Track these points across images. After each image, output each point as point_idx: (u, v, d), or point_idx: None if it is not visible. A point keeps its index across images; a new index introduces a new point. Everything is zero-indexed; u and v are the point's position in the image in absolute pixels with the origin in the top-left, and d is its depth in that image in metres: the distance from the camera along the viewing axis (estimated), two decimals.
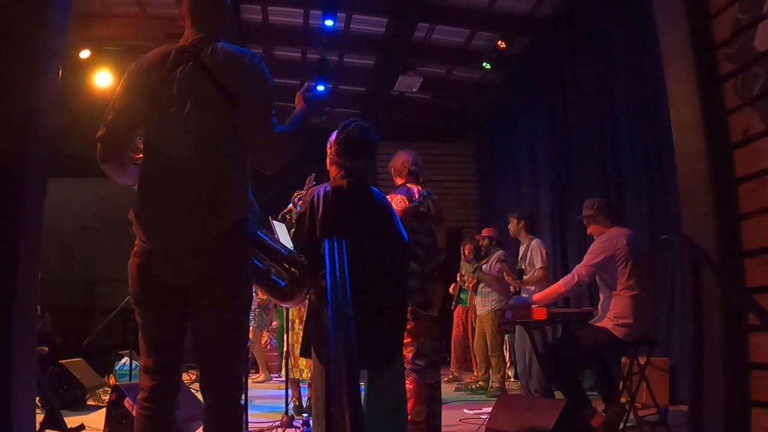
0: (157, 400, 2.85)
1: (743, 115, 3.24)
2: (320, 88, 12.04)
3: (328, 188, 3.67)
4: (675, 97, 3.56)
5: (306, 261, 3.23)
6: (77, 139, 2.97)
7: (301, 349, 3.50)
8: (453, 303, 10.22)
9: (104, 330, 8.65)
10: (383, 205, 3.92)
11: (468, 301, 9.90)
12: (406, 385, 4.47)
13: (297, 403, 6.89)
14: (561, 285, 5.79)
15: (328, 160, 4.01)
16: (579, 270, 5.60)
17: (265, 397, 8.17)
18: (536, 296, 6.27)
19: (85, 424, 4.17)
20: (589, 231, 5.92)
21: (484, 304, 8.72)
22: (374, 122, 11.82)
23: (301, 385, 7.18)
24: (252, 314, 8.75)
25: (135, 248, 2.91)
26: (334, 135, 3.92)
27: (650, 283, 5.62)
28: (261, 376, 10.21)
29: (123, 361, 8.91)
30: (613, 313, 5.40)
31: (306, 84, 3.29)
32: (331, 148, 3.96)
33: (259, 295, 8.92)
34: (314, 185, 5.09)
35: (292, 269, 3.29)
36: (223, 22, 3.15)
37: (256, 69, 2.96)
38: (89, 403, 7.37)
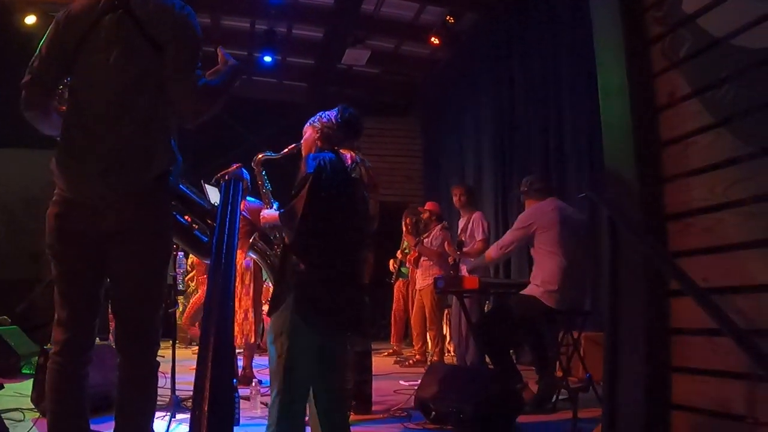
0: (69, 353, 2.79)
1: (670, 78, 3.22)
2: (267, 59, 11.94)
3: (333, 158, 3.61)
4: (603, 61, 3.52)
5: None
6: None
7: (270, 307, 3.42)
8: (393, 277, 10.21)
9: (45, 300, 8.48)
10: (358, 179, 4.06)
11: (409, 275, 9.91)
12: None
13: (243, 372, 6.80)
14: (490, 251, 6.05)
15: (316, 135, 3.93)
16: (505, 237, 5.79)
17: None
18: (468, 266, 6.42)
19: (4, 384, 4.09)
20: (526, 206, 6.04)
21: (424, 278, 8.73)
22: (322, 95, 11.73)
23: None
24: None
25: (54, 198, 2.84)
26: (328, 114, 3.89)
27: (583, 255, 5.70)
28: None
29: None
30: (540, 279, 5.52)
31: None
32: (324, 124, 3.90)
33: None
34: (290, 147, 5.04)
35: (214, 224, 3.23)
36: None
37: (185, 20, 2.92)
38: (24, 371, 7.25)
